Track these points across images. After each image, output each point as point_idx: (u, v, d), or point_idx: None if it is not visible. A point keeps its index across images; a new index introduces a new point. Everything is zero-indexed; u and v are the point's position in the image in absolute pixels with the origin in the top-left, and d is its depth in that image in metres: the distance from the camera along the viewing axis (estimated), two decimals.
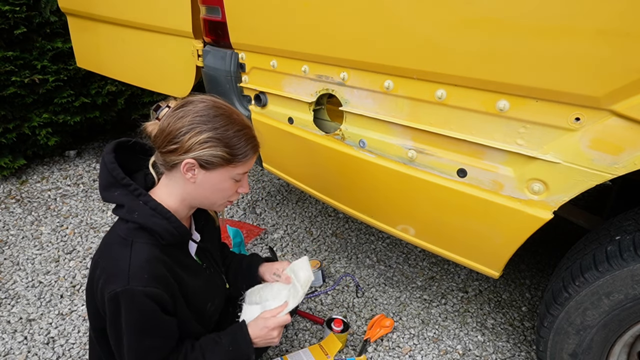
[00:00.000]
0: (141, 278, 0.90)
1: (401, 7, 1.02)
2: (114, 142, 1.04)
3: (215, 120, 0.96)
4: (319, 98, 1.36)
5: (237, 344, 1.08)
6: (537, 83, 0.87)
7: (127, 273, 0.90)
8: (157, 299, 0.92)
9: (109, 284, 0.91)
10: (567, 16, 0.79)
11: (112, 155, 1.00)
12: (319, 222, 2.28)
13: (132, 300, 0.90)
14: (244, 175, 1.05)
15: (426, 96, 1.07)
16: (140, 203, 0.97)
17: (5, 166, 2.59)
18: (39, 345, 1.52)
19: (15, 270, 1.90)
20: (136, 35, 1.96)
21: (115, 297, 0.90)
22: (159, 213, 0.96)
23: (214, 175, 0.99)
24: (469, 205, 1.10)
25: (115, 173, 0.98)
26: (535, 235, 1.00)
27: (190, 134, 0.94)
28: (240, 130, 0.99)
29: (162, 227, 0.96)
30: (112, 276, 0.92)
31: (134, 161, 1.06)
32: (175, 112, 0.97)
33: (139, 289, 0.90)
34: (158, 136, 0.97)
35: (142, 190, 0.98)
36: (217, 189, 1.02)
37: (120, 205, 0.98)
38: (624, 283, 0.94)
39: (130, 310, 0.91)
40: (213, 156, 0.95)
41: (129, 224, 0.96)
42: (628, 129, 0.80)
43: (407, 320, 1.64)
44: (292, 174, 1.66)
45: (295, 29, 1.28)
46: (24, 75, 2.50)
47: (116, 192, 0.98)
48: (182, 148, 0.94)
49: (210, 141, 0.95)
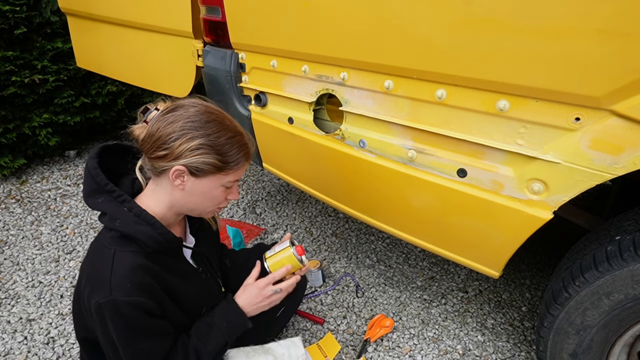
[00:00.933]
0: (124, 288, 0.88)
1: (401, 7, 1.02)
2: (98, 146, 1.01)
3: (207, 126, 0.93)
4: (319, 98, 1.36)
5: (229, 319, 1.08)
6: (537, 83, 0.87)
7: (109, 283, 0.88)
8: (141, 307, 0.91)
9: (93, 294, 0.90)
10: (567, 16, 0.79)
11: (96, 161, 0.97)
12: (319, 222, 2.28)
13: (116, 310, 0.88)
14: (235, 182, 1.02)
15: (426, 96, 1.07)
16: (124, 210, 0.94)
17: (6, 166, 2.59)
18: (39, 345, 1.52)
19: (15, 270, 1.90)
20: (136, 35, 1.96)
21: (100, 309, 0.89)
22: (143, 220, 0.94)
23: (203, 182, 0.96)
24: (469, 205, 1.10)
25: (99, 179, 0.95)
26: (535, 235, 1.00)
27: (181, 140, 0.91)
28: (233, 137, 0.96)
29: (146, 234, 0.93)
30: (96, 286, 0.90)
31: (122, 164, 1.03)
32: (165, 117, 0.93)
33: (121, 299, 0.88)
34: (146, 140, 0.94)
35: (127, 197, 0.96)
36: (207, 196, 0.99)
37: (102, 213, 0.96)
38: (624, 283, 0.94)
39: (116, 321, 0.90)
40: (204, 163, 0.93)
41: (112, 232, 0.94)
42: (628, 129, 0.80)
43: (407, 320, 1.64)
44: (292, 174, 1.66)
45: (295, 29, 1.28)
46: (24, 75, 2.50)
47: (100, 198, 0.96)
48: (171, 154, 0.92)
49: (202, 148, 0.92)
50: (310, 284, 1.80)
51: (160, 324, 0.97)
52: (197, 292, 1.09)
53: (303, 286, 1.49)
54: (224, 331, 1.07)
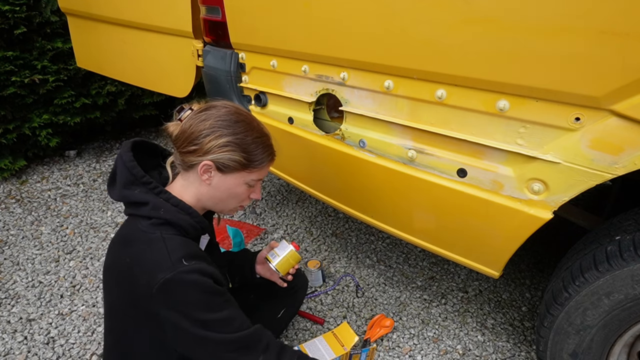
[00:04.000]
0: (186, 261, 0.91)
1: (401, 6, 1.02)
2: (130, 141, 1.05)
3: (235, 125, 0.99)
4: (319, 98, 1.36)
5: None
6: (537, 83, 0.87)
7: (169, 260, 0.90)
8: (206, 273, 0.92)
9: (154, 275, 0.89)
10: (567, 16, 0.79)
11: (131, 154, 1.01)
12: (319, 222, 2.28)
13: (184, 282, 0.89)
14: (258, 181, 1.07)
15: (426, 96, 1.07)
16: (162, 200, 0.98)
17: (6, 167, 2.59)
18: (39, 345, 1.52)
19: (15, 270, 1.90)
20: (136, 35, 1.96)
21: (167, 284, 0.87)
22: (181, 209, 0.98)
23: (229, 178, 1.01)
24: (469, 205, 1.10)
25: (135, 171, 0.99)
26: (535, 235, 1.00)
27: (211, 136, 0.96)
28: (259, 137, 1.02)
29: (186, 221, 0.98)
30: (155, 268, 0.90)
31: (145, 161, 1.06)
32: (198, 115, 0.99)
33: (187, 269, 0.89)
34: (179, 137, 1.00)
35: (162, 188, 1.00)
36: (231, 192, 1.04)
37: (140, 203, 0.98)
38: (624, 283, 0.94)
39: (187, 293, 0.89)
40: (230, 160, 0.98)
41: (153, 220, 0.96)
42: (628, 129, 0.80)
43: (407, 320, 1.64)
44: (292, 174, 1.66)
45: (295, 29, 1.28)
46: (24, 76, 2.50)
47: (136, 189, 0.99)
48: (201, 150, 0.97)
49: (229, 145, 0.97)
50: (310, 284, 1.80)
51: (227, 295, 0.97)
52: None
53: (304, 287, 1.49)
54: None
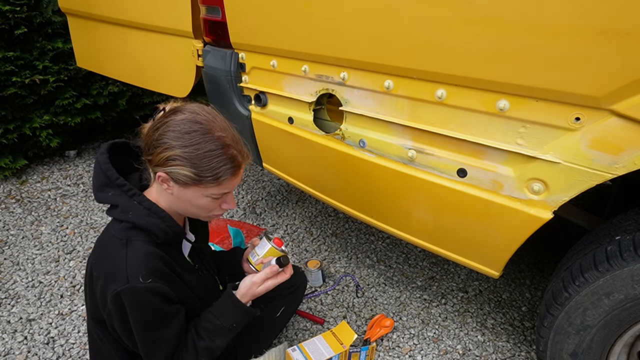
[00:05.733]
0: (140, 275, 0.90)
1: (401, 6, 1.02)
2: (108, 143, 1.04)
3: (185, 137, 0.90)
4: (319, 98, 1.36)
5: (231, 313, 1.07)
6: (537, 83, 0.87)
7: (125, 271, 0.90)
8: (158, 292, 0.93)
9: (109, 284, 0.91)
10: (567, 16, 0.79)
11: (107, 156, 1.00)
12: (319, 222, 2.28)
13: (134, 297, 0.90)
14: (226, 194, 1.00)
15: (426, 96, 1.07)
16: (134, 203, 0.96)
17: (6, 167, 2.59)
18: (39, 345, 1.52)
19: (15, 270, 1.90)
20: (136, 35, 1.96)
21: (117, 297, 0.90)
22: (153, 212, 0.96)
23: (188, 191, 0.96)
24: (469, 205, 1.10)
25: (109, 173, 0.97)
26: (535, 235, 1.00)
27: (160, 148, 0.91)
28: (213, 150, 0.91)
29: (156, 226, 0.95)
30: (111, 277, 0.92)
31: (127, 163, 1.05)
32: (156, 122, 0.95)
33: (139, 286, 0.89)
34: (143, 141, 0.97)
35: (136, 190, 0.98)
36: (194, 204, 0.99)
37: (114, 206, 0.98)
38: (624, 283, 0.94)
39: (134, 308, 0.91)
40: (180, 175, 0.92)
41: (123, 223, 0.96)
42: (628, 129, 0.80)
43: (407, 320, 1.64)
44: (292, 174, 1.66)
45: (295, 29, 1.28)
46: (24, 76, 2.50)
47: (110, 192, 0.98)
48: (154, 160, 0.93)
49: (177, 159, 0.90)
50: (310, 284, 1.80)
51: (175, 312, 0.99)
52: (195, 287, 1.10)
53: (303, 286, 1.49)
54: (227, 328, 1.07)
